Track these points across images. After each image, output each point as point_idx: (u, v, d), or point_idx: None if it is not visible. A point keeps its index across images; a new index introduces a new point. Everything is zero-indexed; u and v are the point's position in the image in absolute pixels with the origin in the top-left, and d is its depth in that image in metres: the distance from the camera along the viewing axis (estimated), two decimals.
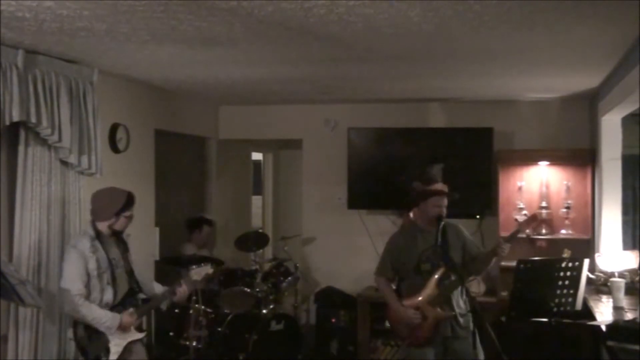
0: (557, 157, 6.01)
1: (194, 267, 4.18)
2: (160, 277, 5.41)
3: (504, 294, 5.38)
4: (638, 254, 4.99)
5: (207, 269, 4.20)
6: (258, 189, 8.51)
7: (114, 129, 5.05)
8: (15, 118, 3.80)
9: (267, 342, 5.55)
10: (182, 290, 4.08)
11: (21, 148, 4.07)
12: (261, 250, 6.44)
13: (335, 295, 6.54)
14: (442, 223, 3.98)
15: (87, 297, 3.78)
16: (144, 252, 5.53)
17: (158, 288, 4.22)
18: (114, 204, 3.89)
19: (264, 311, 5.68)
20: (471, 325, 4.00)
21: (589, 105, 6.12)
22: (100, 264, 3.83)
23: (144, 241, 5.53)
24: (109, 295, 3.85)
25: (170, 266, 5.30)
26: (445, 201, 4.03)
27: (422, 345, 4.04)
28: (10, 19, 3.26)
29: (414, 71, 4.82)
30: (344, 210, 6.54)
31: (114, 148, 5.06)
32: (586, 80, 5.10)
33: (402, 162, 6.25)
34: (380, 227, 6.51)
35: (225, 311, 5.56)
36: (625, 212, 5.45)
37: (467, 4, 2.98)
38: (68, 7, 3.07)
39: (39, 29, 3.47)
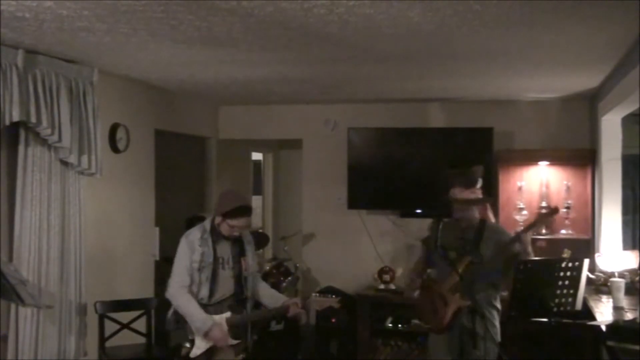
0: (557, 157, 6.01)
1: (316, 294, 4.10)
2: (160, 277, 5.42)
3: (504, 294, 5.37)
4: (638, 254, 4.98)
5: (333, 302, 4.07)
6: (258, 189, 8.49)
7: (114, 129, 5.05)
8: (15, 118, 3.80)
9: (267, 342, 5.54)
10: (300, 313, 3.96)
11: (21, 148, 4.08)
12: (261, 250, 6.42)
13: (335, 295, 6.51)
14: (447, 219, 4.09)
15: (189, 288, 3.79)
16: (144, 252, 5.54)
17: (268, 299, 4.10)
18: (223, 206, 3.87)
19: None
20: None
21: (589, 105, 6.11)
22: (203, 258, 3.81)
23: (144, 241, 5.53)
24: (204, 292, 3.83)
25: (170, 266, 5.28)
26: (465, 207, 4.08)
27: (441, 332, 4.08)
28: (10, 19, 3.26)
29: (414, 71, 4.82)
30: (344, 210, 6.53)
31: (114, 148, 5.06)
32: (586, 80, 5.10)
33: (402, 162, 6.25)
34: (380, 227, 6.53)
35: None
36: (625, 212, 5.45)
37: (467, 4, 2.98)
38: (68, 7, 3.07)
39: (39, 29, 3.47)
